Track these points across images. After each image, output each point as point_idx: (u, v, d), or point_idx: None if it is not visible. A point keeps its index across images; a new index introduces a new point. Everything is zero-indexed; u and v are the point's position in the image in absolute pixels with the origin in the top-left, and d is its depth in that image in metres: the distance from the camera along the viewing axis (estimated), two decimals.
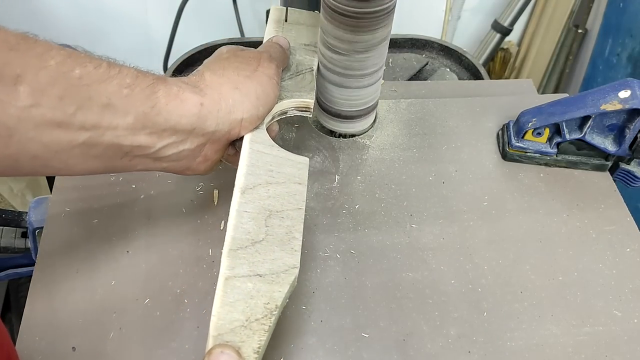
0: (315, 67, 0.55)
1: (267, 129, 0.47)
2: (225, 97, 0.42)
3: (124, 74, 0.37)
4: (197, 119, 0.40)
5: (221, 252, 0.50)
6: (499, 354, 0.44)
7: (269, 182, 0.42)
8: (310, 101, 0.51)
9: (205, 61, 0.47)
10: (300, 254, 0.39)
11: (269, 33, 0.57)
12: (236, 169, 0.43)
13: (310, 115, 0.53)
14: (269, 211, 0.40)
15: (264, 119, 0.46)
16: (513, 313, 0.47)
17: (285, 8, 0.60)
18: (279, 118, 0.50)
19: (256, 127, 0.45)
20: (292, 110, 0.51)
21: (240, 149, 0.46)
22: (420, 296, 0.48)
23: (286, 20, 0.59)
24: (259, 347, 0.34)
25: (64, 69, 0.33)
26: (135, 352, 0.43)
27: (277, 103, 0.48)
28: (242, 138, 0.44)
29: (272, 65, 0.47)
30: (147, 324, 0.45)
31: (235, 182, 0.42)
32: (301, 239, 0.40)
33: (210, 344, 0.34)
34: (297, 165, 0.45)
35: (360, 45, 0.50)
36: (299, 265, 0.38)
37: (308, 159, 0.46)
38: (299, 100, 0.50)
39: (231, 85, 0.42)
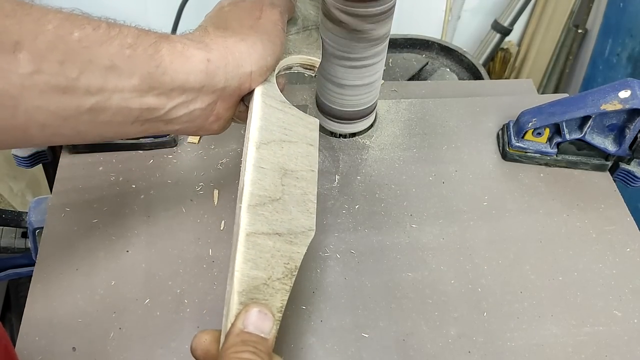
0: (319, 23, 0.53)
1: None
2: (232, 50, 0.40)
3: (125, 34, 0.35)
4: (205, 75, 0.38)
5: (223, 255, 0.50)
6: (499, 354, 0.44)
7: (283, 139, 0.41)
8: (317, 60, 0.49)
9: (207, 15, 0.45)
10: (315, 216, 0.39)
11: None
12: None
13: (314, 75, 0.51)
14: (284, 170, 0.39)
15: (273, 71, 0.44)
16: (513, 313, 0.47)
17: None
18: (284, 72, 0.48)
19: (266, 80, 0.43)
20: (297, 66, 0.49)
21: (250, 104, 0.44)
22: (420, 296, 0.48)
23: None
24: (281, 306, 0.34)
25: (62, 33, 0.32)
26: (135, 352, 0.43)
27: (283, 55, 0.46)
28: (252, 93, 0.43)
29: (275, 11, 0.45)
30: (147, 324, 0.45)
31: (249, 136, 0.40)
32: (315, 201, 0.39)
33: (235, 300, 0.33)
34: (309, 125, 0.44)
35: (360, 45, 0.50)
36: (314, 227, 0.38)
37: (318, 120, 0.45)
38: (306, 57, 0.48)
39: (236, 37, 0.40)
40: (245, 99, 0.44)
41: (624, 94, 0.51)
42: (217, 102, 0.41)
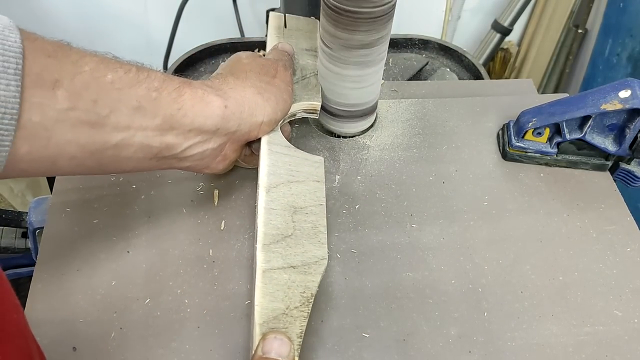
0: (317, 71, 0.56)
1: (280, 130, 0.49)
2: (249, 100, 0.44)
3: (152, 78, 0.39)
4: (221, 120, 0.42)
5: (223, 256, 0.50)
6: (500, 353, 0.44)
7: (290, 180, 0.45)
8: (317, 104, 0.53)
9: (225, 65, 0.49)
10: (326, 246, 0.42)
11: (271, 40, 0.60)
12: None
13: (317, 117, 0.55)
14: (294, 207, 0.43)
15: (279, 123, 0.49)
16: (513, 313, 0.47)
17: (283, 15, 0.61)
18: (288, 120, 0.52)
19: (272, 130, 0.48)
20: (300, 112, 0.53)
21: (255, 150, 0.49)
22: (420, 296, 0.48)
23: (285, 27, 0.61)
24: (301, 332, 0.37)
25: (98, 74, 0.36)
26: (136, 352, 0.43)
27: None
28: (258, 140, 0.48)
29: (288, 73, 0.51)
30: (147, 324, 0.45)
31: (259, 182, 0.45)
32: (326, 232, 0.43)
33: (257, 331, 0.36)
34: (314, 164, 0.48)
35: (359, 45, 0.50)
36: (327, 256, 0.41)
37: (323, 157, 0.49)
38: (307, 103, 0.53)
39: (254, 89, 0.45)
40: (251, 145, 0.50)
41: (624, 93, 0.51)
42: (226, 144, 0.45)
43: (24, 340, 0.31)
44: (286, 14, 0.62)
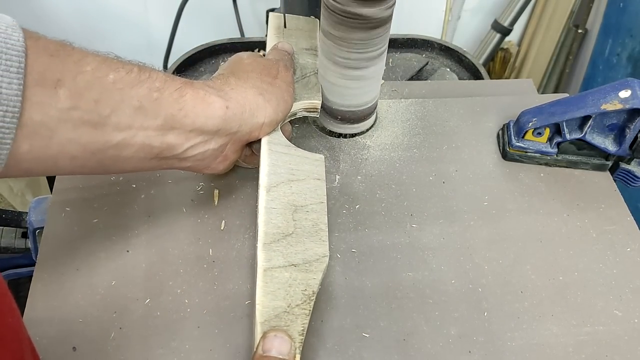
0: (317, 70, 0.56)
1: (281, 129, 0.49)
2: (250, 101, 0.44)
3: (154, 79, 0.39)
4: (223, 120, 0.42)
5: (223, 255, 0.50)
6: (500, 353, 0.44)
7: (291, 179, 0.45)
8: (318, 102, 0.53)
9: (226, 65, 0.49)
10: (327, 243, 0.42)
11: (271, 40, 0.60)
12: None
13: (318, 116, 0.55)
14: (294, 206, 0.44)
15: (280, 123, 0.49)
16: (513, 313, 0.47)
17: (282, 15, 0.62)
18: (289, 119, 0.52)
19: (273, 130, 0.48)
20: (301, 111, 0.53)
21: (256, 151, 0.49)
22: (420, 296, 0.48)
23: (285, 27, 0.61)
24: (302, 330, 0.37)
25: (99, 74, 0.36)
26: (136, 351, 0.43)
27: None
28: (259, 140, 0.48)
29: (289, 73, 0.51)
30: (147, 324, 0.45)
31: (259, 182, 0.45)
32: (327, 230, 0.43)
33: (258, 330, 0.37)
34: (314, 162, 0.48)
35: (359, 46, 0.50)
36: (328, 253, 0.42)
37: (323, 156, 0.49)
38: (308, 102, 0.53)
39: (256, 90, 0.45)
40: (252, 145, 0.50)
41: (624, 93, 0.51)
42: (227, 144, 0.45)
43: (19, 344, 0.31)
44: (286, 14, 0.62)
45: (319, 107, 0.54)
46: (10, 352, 0.30)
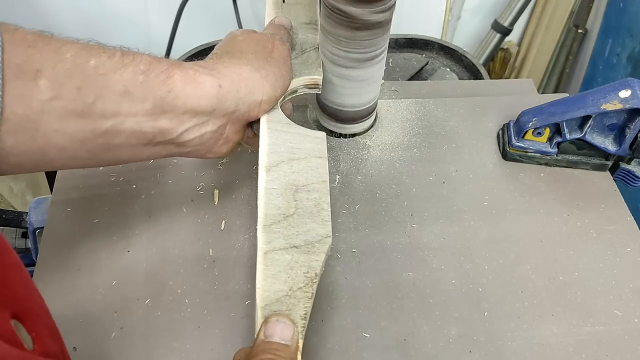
0: (317, 44, 0.54)
1: (281, 108, 0.47)
2: (245, 78, 0.42)
3: (138, 61, 0.37)
4: (217, 100, 0.40)
5: (224, 255, 0.50)
6: (500, 353, 0.44)
7: (291, 158, 0.44)
8: (319, 77, 0.51)
9: (221, 44, 0.47)
10: (330, 223, 0.40)
11: (269, 15, 0.57)
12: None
13: (319, 92, 0.53)
14: (295, 186, 0.42)
15: (279, 100, 0.47)
16: (514, 313, 0.47)
17: None
18: (290, 97, 0.50)
19: (272, 108, 0.46)
20: (302, 88, 0.51)
21: (257, 132, 0.47)
22: (420, 296, 0.48)
23: (284, 1, 0.59)
24: (305, 314, 0.36)
25: (80, 61, 0.34)
26: (137, 351, 0.43)
27: None
28: (259, 120, 0.45)
29: (285, 47, 0.48)
30: (148, 324, 0.45)
31: (259, 162, 0.43)
32: (329, 209, 0.41)
33: (259, 315, 0.35)
34: (316, 140, 0.46)
35: (359, 46, 0.50)
36: (331, 234, 0.40)
37: (324, 133, 0.47)
38: (308, 78, 0.51)
39: (251, 67, 0.43)
40: (253, 125, 0.47)
41: (624, 93, 0.51)
42: (226, 126, 0.43)
43: (52, 321, 0.32)
44: None
45: (320, 83, 0.51)
46: (47, 327, 0.31)
